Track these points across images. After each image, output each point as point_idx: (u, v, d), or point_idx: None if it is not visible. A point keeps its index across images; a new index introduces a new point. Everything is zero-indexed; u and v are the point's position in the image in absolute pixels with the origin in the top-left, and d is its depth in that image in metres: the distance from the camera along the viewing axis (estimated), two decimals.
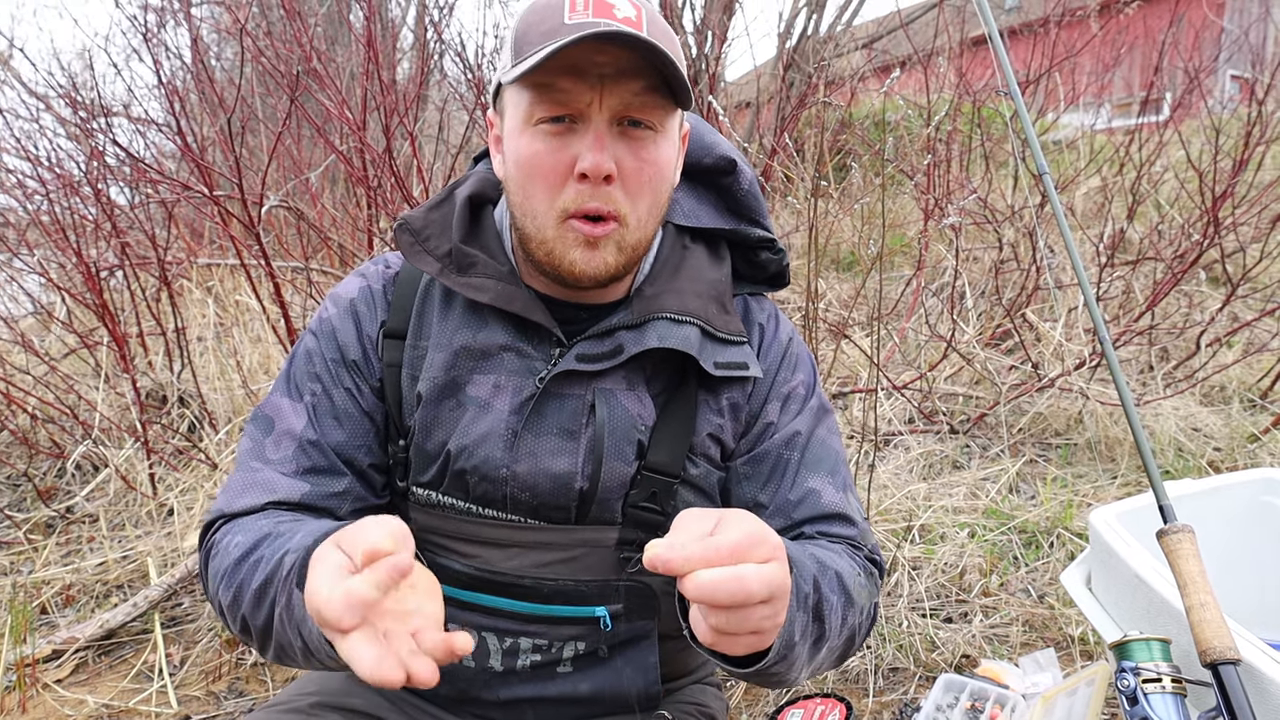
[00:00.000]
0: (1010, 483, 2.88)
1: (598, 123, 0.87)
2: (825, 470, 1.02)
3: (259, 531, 0.88)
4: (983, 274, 4.27)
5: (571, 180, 0.88)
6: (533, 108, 0.88)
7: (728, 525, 0.68)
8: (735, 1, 5.23)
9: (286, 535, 0.85)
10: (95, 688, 2.06)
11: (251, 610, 0.84)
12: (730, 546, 0.65)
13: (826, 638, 0.85)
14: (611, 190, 0.88)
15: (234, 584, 0.86)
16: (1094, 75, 6.07)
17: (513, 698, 1.02)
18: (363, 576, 0.62)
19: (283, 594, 0.79)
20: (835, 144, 5.36)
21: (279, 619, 0.80)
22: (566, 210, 0.89)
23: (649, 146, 0.90)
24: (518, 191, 0.93)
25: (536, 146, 0.89)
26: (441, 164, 4.37)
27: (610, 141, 0.87)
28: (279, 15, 4.49)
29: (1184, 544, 1.13)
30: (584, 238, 0.90)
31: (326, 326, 1.03)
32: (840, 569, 0.90)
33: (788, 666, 0.81)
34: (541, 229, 0.91)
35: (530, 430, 0.96)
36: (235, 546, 0.88)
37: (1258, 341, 3.72)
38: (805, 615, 0.80)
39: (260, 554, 0.85)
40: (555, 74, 0.85)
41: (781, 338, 1.08)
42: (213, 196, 2.81)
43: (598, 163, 0.86)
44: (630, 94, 0.86)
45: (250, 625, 0.85)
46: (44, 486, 3.00)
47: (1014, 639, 2.08)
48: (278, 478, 0.96)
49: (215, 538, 0.93)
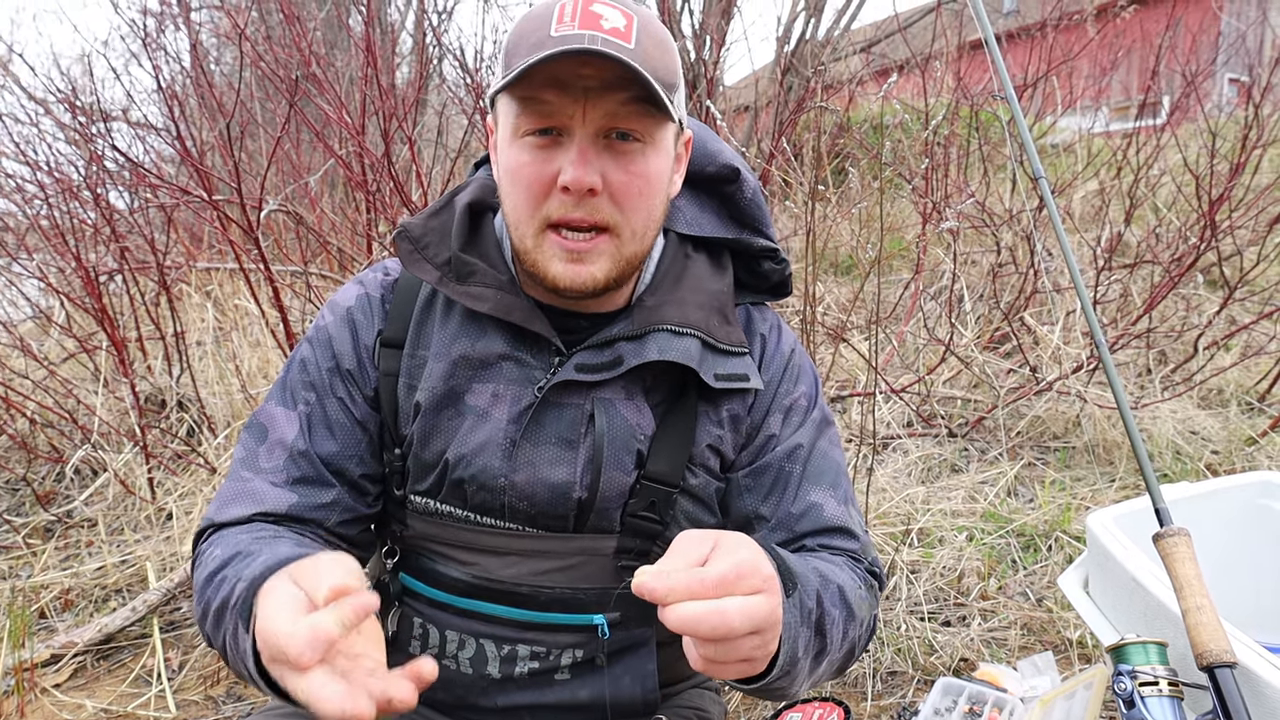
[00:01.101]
0: (1008, 486, 2.89)
1: (582, 137, 0.86)
2: (827, 483, 1.01)
3: (233, 547, 0.88)
4: (981, 277, 4.28)
5: (556, 192, 0.88)
6: (519, 120, 0.88)
7: (720, 554, 0.68)
8: (733, 5, 5.25)
9: (251, 556, 0.84)
10: (93, 692, 2.06)
11: (213, 629, 0.84)
12: (717, 579, 0.65)
13: (828, 651, 0.85)
14: (598, 202, 0.88)
15: (202, 600, 0.86)
16: (1091, 79, 6.08)
17: (510, 705, 1.02)
18: (327, 613, 0.62)
19: (231, 621, 0.79)
20: (833, 148, 5.37)
21: (230, 646, 0.80)
22: (549, 219, 0.89)
23: (637, 159, 0.89)
24: (507, 201, 0.93)
25: (523, 159, 0.89)
26: (440, 168, 4.37)
27: (595, 155, 0.87)
28: (278, 20, 4.50)
29: (1180, 547, 1.14)
30: (564, 251, 0.89)
31: (323, 335, 1.03)
32: (842, 582, 0.90)
33: (790, 681, 0.80)
34: (524, 239, 0.91)
35: (529, 439, 0.96)
36: (212, 560, 0.88)
37: (1255, 344, 3.72)
38: (809, 630, 0.80)
39: (225, 574, 0.85)
40: (539, 87, 0.85)
41: (784, 349, 1.07)
42: (212, 201, 2.82)
43: (578, 177, 0.85)
44: (616, 104, 0.86)
45: (214, 642, 0.85)
46: (43, 491, 3.00)
47: (1012, 642, 2.08)
48: (266, 488, 0.96)
49: (202, 548, 0.94)
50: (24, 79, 4.43)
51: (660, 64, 0.87)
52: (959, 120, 4.63)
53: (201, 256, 4.41)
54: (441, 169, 4.33)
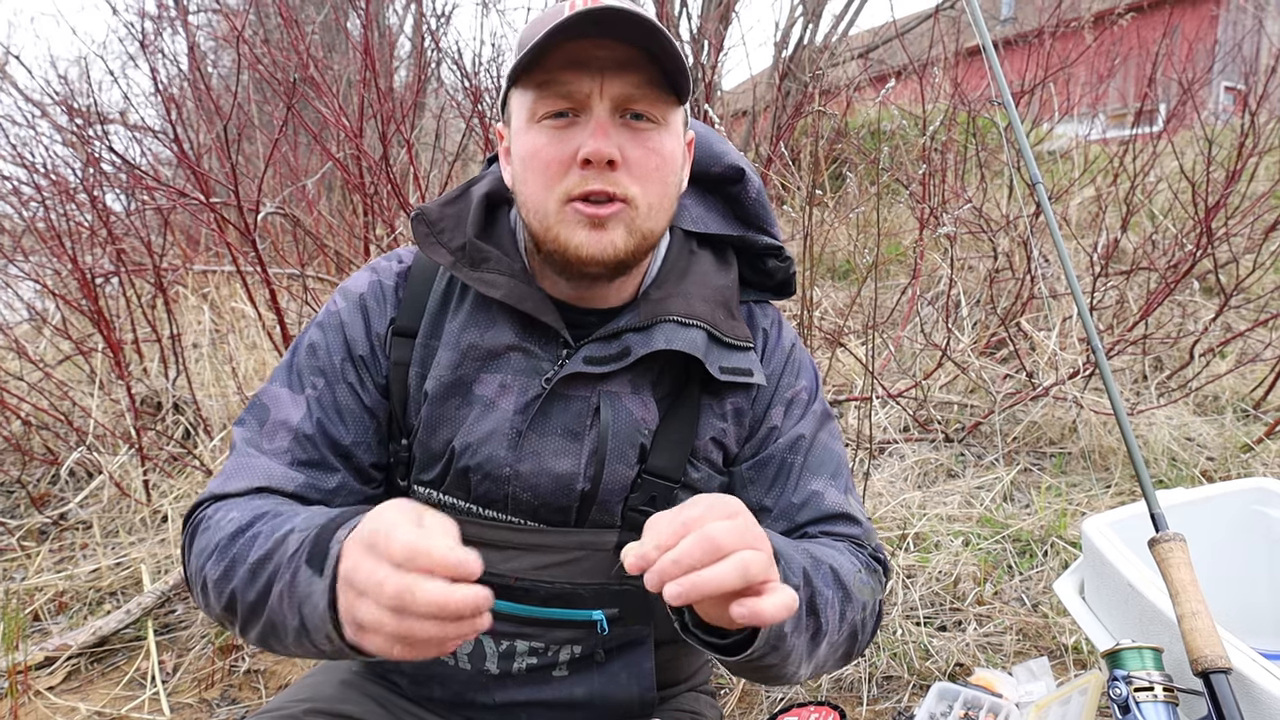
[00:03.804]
0: (1004, 491, 2.89)
1: (599, 112, 0.88)
2: (828, 473, 1.03)
3: (255, 509, 0.87)
4: (978, 283, 4.28)
5: (575, 167, 0.88)
6: (536, 105, 0.89)
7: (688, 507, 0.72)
8: (732, 10, 5.26)
9: (286, 515, 0.84)
10: (88, 695, 2.05)
11: (244, 585, 0.82)
12: (688, 519, 0.69)
13: (825, 632, 0.86)
14: (617, 175, 0.89)
15: (226, 557, 0.84)
16: (1088, 86, 6.11)
17: (508, 701, 1.02)
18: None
19: (286, 570, 0.78)
20: (831, 153, 5.37)
21: (277, 595, 0.79)
22: (569, 194, 0.89)
23: (653, 137, 0.91)
24: (523, 188, 0.93)
25: (540, 140, 0.90)
26: (438, 171, 4.37)
27: (614, 130, 0.88)
28: (276, 23, 4.50)
29: (1176, 553, 1.14)
30: (587, 219, 0.89)
31: (334, 320, 1.03)
32: (836, 564, 0.90)
33: (782, 659, 0.81)
34: (545, 216, 0.91)
35: (535, 430, 0.97)
36: (229, 522, 0.87)
37: (1251, 351, 3.73)
38: (799, 607, 0.80)
39: (257, 529, 0.84)
40: (556, 69, 0.87)
41: (785, 343, 1.09)
42: (209, 203, 2.82)
43: (599, 148, 0.86)
44: (631, 85, 0.88)
45: (238, 600, 0.83)
46: (37, 493, 2.99)
47: (1008, 647, 2.08)
48: (273, 465, 0.95)
49: (205, 514, 0.92)
50: (21, 81, 4.42)
51: (672, 45, 0.88)
52: (956, 126, 4.63)
53: (198, 259, 4.41)
54: (439, 172, 4.33)
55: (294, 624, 0.78)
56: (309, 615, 0.75)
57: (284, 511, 0.86)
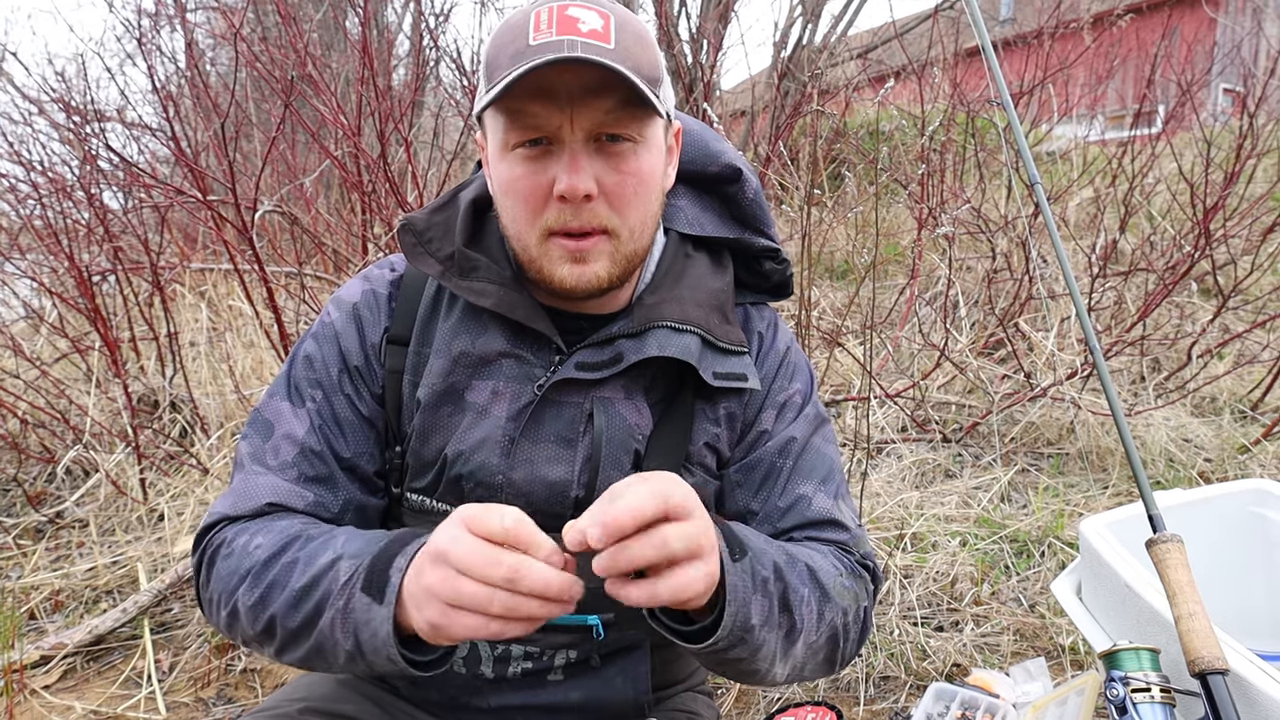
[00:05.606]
0: (1002, 492, 2.89)
1: (572, 143, 0.86)
2: (817, 478, 1.01)
3: (284, 533, 0.87)
4: (976, 283, 4.28)
5: (553, 200, 0.88)
6: (507, 134, 0.88)
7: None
8: (730, 10, 5.26)
9: (322, 540, 0.85)
10: (83, 694, 2.05)
11: (286, 610, 0.83)
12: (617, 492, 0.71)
13: (800, 630, 0.85)
14: (594, 207, 0.88)
15: (262, 583, 0.84)
16: (1087, 87, 6.11)
17: (503, 705, 1.02)
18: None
19: (339, 598, 0.79)
20: (830, 153, 5.37)
21: (329, 622, 0.80)
22: (549, 229, 0.89)
23: (630, 159, 0.89)
24: (505, 215, 0.93)
25: (516, 171, 0.88)
26: (436, 170, 4.37)
27: (588, 160, 0.86)
28: (274, 21, 4.50)
29: (1173, 554, 1.14)
30: (568, 253, 0.89)
31: (329, 331, 1.02)
32: (814, 564, 0.90)
33: (751, 653, 0.81)
34: (527, 248, 0.91)
35: (527, 437, 0.96)
36: (258, 548, 0.87)
37: (1248, 353, 3.74)
38: (766, 600, 0.80)
39: (294, 555, 0.84)
40: (524, 99, 0.84)
41: (779, 346, 1.08)
42: (206, 201, 2.81)
43: (573, 184, 0.85)
44: (602, 112, 0.85)
45: (277, 625, 0.84)
46: (34, 491, 2.98)
47: (1005, 648, 2.08)
48: (280, 483, 0.95)
49: (224, 537, 0.91)
50: (18, 79, 4.42)
51: (643, 60, 0.86)
52: (955, 127, 4.64)
53: (196, 257, 4.41)
54: (437, 171, 4.33)
55: (348, 647, 0.79)
56: (366, 640, 0.77)
57: (315, 535, 0.86)
